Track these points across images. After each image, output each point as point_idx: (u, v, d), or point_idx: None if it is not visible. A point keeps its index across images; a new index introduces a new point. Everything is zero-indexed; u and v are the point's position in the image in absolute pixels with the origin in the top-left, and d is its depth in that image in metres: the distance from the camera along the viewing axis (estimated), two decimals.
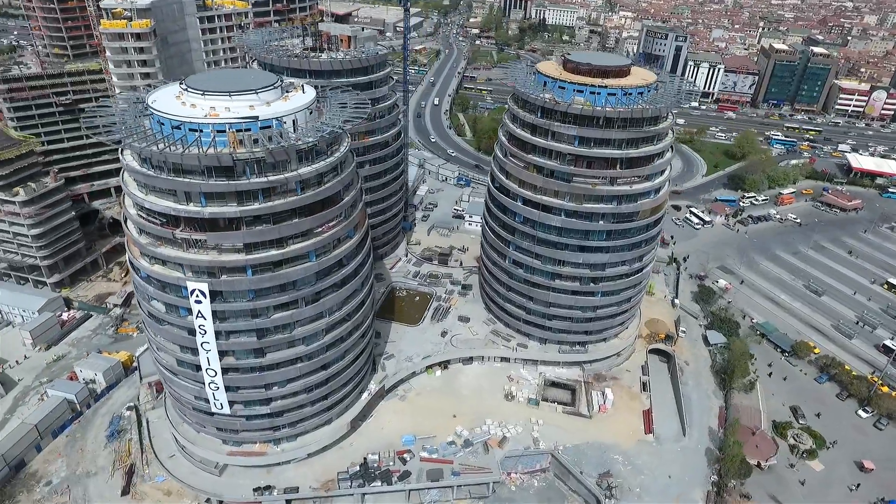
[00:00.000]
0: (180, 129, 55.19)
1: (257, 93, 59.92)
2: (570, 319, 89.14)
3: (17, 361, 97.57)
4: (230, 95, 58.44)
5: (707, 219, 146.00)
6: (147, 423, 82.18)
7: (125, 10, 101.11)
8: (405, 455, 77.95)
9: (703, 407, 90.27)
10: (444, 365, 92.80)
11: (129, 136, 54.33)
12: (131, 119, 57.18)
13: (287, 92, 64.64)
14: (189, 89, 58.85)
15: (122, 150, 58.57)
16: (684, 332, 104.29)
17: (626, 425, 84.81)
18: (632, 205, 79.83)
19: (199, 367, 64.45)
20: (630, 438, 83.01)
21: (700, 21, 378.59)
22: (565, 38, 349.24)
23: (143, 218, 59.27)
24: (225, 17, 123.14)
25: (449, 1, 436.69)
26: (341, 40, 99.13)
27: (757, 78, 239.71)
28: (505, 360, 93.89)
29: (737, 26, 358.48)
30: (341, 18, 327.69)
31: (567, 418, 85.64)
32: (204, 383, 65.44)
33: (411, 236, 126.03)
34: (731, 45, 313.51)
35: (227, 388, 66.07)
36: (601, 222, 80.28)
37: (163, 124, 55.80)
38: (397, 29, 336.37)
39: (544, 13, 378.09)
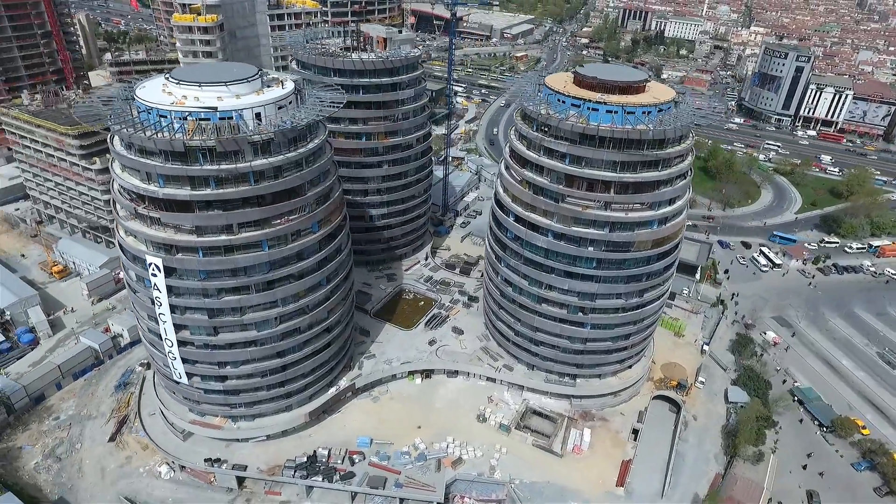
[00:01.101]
0: (149, 113, 59.67)
1: (227, 85, 62.84)
2: (557, 348, 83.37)
3: (72, 308, 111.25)
4: (200, 86, 62.12)
5: (778, 261, 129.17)
6: (144, 380, 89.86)
7: (199, 4, 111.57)
8: (355, 456, 77.71)
9: (698, 470, 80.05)
10: (428, 374, 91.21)
11: (104, 118, 59.82)
12: (118, 105, 62.40)
13: (268, 86, 67.33)
14: (170, 79, 63.35)
15: (110, 134, 64.11)
16: (703, 382, 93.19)
17: (597, 472, 77.68)
18: (626, 233, 72.77)
19: (160, 337, 69.39)
20: (597, 487, 75.88)
21: (849, 41, 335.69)
22: (682, 52, 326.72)
23: (120, 193, 64.86)
24: (294, 16, 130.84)
25: (566, 9, 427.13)
26: (377, 41, 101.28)
27: (894, 109, 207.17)
28: (491, 380, 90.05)
29: (892, 48, 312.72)
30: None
31: (535, 452, 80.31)
32: (165, 352, 70.30)
33: (443, 241, 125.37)
34: (879, 70, 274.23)
35: (184, 360, 70.20)
36: (590, 248, 74.10)
37: (140, 110, 60.74)
38: (505, 35, 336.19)
39: (664, 25, 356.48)
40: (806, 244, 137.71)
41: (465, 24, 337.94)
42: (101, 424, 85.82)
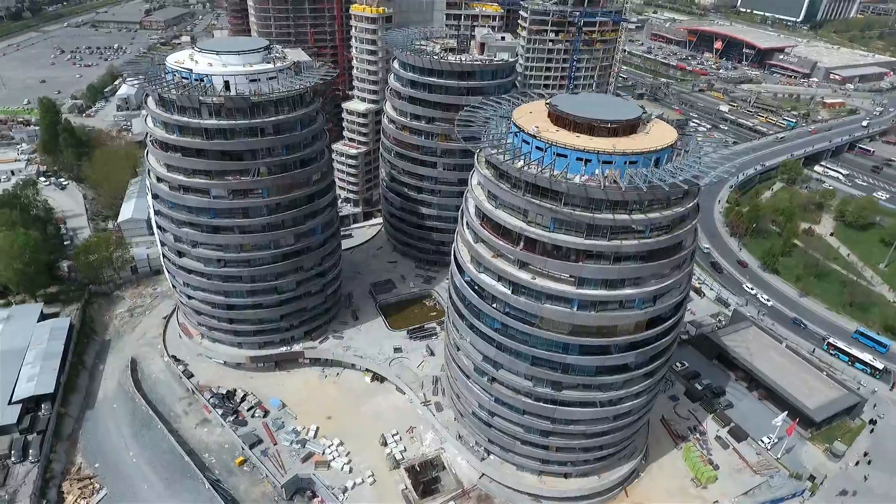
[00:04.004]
0: (171, 74, 73.92)
1: (239, 54, 73.66)
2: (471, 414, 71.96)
3: None
4: (218, 55, 73.91)
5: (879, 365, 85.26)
6: None
7: None
8: (260, 411, 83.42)
9: None
10: (381, 379, 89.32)
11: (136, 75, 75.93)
12: (154, 72, 75.21)
13: (278, 58, 76.41)
14: (196, 49, 76.62)
15: (144, 95, 79.95)
16: None
17: None
18: (587, 314, 57.38)
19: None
20: None
21: None
22: None
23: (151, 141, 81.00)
24: (472, 17, 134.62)
25: None
26: (476, 46, 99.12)
27: None
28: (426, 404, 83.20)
29: None
30: (764, 53, 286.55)
31: (398, 492, 72.52)
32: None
33: None
34: None
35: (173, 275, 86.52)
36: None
37: (167, 72, 75.35)
38: (832, 76, 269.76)
39: None
40: None
41: (781, 57, 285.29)
42: (170, 306, 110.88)
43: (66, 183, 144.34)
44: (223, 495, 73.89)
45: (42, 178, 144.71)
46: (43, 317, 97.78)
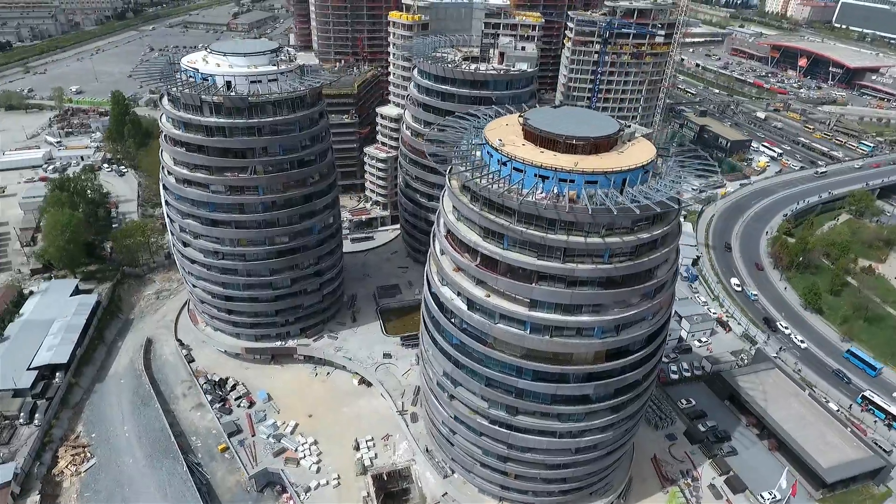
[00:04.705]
0: (185, 72, 77.98)
1: (245, 56, 76.80)
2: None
3: None
4: (226, 56, 77.40)
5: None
6: None
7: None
8: (247, 401, 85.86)
9: None
10: (369, 383, 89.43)
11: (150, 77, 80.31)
12: (168, 71, 79.46)
13: (287, 60, 79.24)
14: (209, 50, 79.78)
15: (160, 95, 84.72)
16: None
17: None
18: (540, 338, 54.65)
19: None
20: None
21: None
22: None
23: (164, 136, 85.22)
24: (511, 27, 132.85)
25: None
26: (496, 56, 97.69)
27: None
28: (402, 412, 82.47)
29: None
30: (853, 73, 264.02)
31: (360, 498, 72.22)
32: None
33: None
34: None
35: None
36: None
37: (179, 71, 79.10)
38: None
39: None
40: None
41: (873, 78, 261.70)
42: None
43: (125, 170, 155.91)
44: (199, 478, 76.77)
45: (105, 165, 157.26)
46: (77, 292, 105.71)
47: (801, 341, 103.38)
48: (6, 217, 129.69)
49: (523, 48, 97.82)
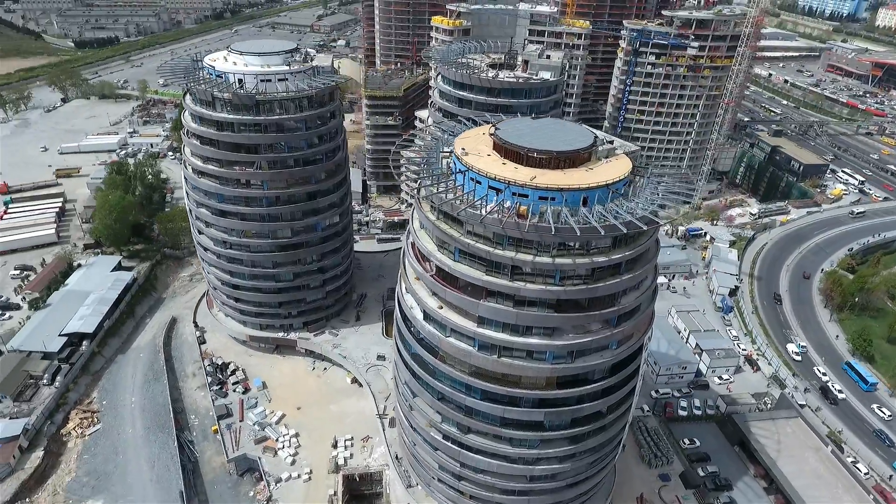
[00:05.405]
0: (204, 69, 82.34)
1: (259, 55, 79.97)
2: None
3: None
4: (242, 55, 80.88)
5: None
6: None
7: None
8: (244, 385, 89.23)
9: None
10: (361, 383, 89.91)
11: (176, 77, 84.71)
12: (192, 68, 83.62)
13: (301, 61, 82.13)
14: (229, 50, 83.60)
15: (183, 92, 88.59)
16: None
17: None
18: (486, 357, 52.69)
19: None
20: None
21: None
22: None
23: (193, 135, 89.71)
24: (556, 35, 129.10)
25: None
26: (522, 63, 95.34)
27: None
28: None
29: None
30: None
31: (327, 496, 72.60)
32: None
33: None
34: None
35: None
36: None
37: (201, 68, 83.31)
38: None
39: None
40: None
41: None
42: None
43: None
44: (188, 456, 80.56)
45: (170, 153, 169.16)
46: (119, 268, 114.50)
47: (840, 391, 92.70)
48: (76, 195, 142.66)
49: (548, 56, 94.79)
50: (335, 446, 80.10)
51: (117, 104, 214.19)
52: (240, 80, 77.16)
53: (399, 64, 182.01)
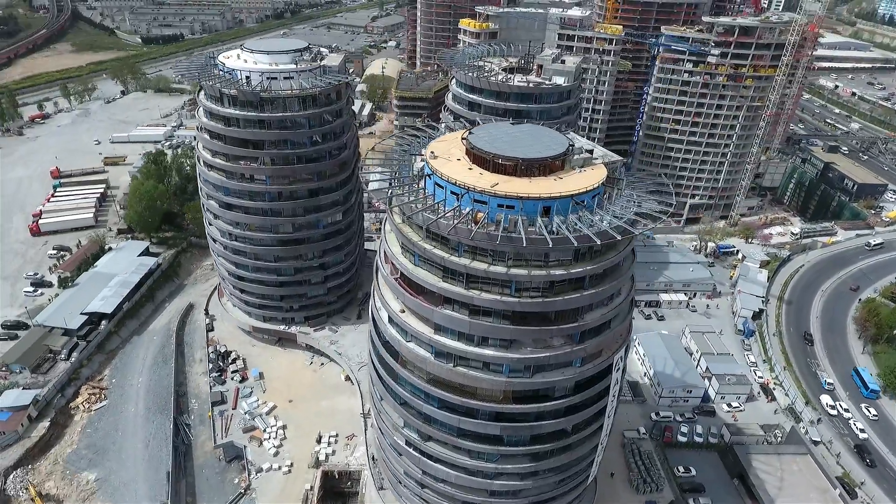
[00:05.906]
0: (216, 66, 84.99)
1: (268, 54, 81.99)
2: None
3: None
4: (252, 53, 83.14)
5: None
6: None
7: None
8: (242, 374, 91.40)
9: None
10: (354, 381, 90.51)
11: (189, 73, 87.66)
12: (205, 64, 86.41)
13: (309, 59, 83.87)
14: (242, 48, 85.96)
15: (197, 88, 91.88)
16: None
17: None
18: (441, 365, 51.76)
19: None
20: None
21: None
22: None
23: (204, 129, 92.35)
24: (586, 39, 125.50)
25: None
26: (536, 67, 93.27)
27: None
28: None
29: None
30: None
31: (303, 490, 73.34)
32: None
33: None
34: None
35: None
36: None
37: (215, 65, 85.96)
38: None
39: None
40: None
41: None
42: None
43: None
44: (182, 439, 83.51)
45: None
46: (146, 253, 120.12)
47: (862, 430, 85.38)
48: (119, 182, 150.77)
49: (562, 61, 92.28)
50: (319, 441, 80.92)
51: (171, 97, 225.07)
52: (247, 77, 79.34)
53: (437, 66, 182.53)
